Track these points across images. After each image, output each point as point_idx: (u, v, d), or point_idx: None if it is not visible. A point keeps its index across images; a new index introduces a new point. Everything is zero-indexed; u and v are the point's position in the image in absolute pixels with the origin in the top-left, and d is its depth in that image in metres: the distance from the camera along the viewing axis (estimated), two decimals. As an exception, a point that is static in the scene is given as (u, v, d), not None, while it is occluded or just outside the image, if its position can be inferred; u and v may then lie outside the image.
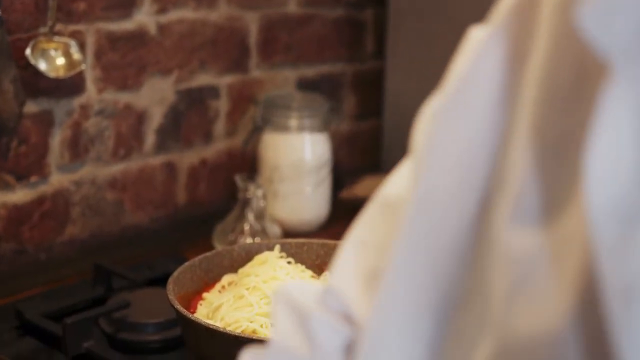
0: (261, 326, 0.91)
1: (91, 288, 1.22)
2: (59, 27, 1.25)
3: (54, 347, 1.08)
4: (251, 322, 0.92)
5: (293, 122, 1.45)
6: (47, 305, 1.16)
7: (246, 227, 1.35)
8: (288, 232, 1.44)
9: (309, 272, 1.05)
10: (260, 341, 0.86)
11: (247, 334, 0.90)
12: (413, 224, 0.57)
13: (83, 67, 1.24)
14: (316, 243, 1.10)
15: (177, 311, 0.92)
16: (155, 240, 1.43)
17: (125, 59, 1.37)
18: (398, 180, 0.64)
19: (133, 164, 1.41)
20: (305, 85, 1.65)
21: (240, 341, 0.86)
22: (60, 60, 1.24)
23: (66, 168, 1.32)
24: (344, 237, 0.66)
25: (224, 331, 0.87)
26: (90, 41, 1.31)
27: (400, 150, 1.67)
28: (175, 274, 1.00)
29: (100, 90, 1.34)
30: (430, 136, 0.58)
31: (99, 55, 1.33)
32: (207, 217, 1.48)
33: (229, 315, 0.93)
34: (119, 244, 1.40)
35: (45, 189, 1.30)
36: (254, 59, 1.56)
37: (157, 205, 1.46)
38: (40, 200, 1.30)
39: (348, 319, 0.61)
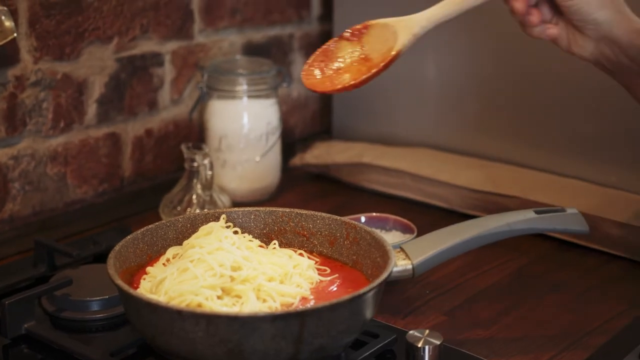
0: (206, 299, 0.87)
1: (32, 267, 1.18)
2: (-13, -6, 1.19)
3: (-6, 329, 1.03)
4: (196, 295, 0.88)
5: (239, 88, 1.40)
6: (-15, 286, 1.12)
7: (194, 198, 1.31)
8: (238, 202, 1.40)
9: (257, 242, 1.02)
10: (204, 315, 0.82)
11: (191, 307, 0.86)
12: None
13: (14, 35, 1.18)
14: (263, 211, 1.06)
15: (117, 286, 0.88)
16: (102, 214, 1.38)
17: (61, 27, 1.31)
18: None
19: (74, 137, 1.36)
20: (252, 50, 1.60)
21: (183, 315, 0.82)
22: (-9, 29, 1.18)
23: (3, 142, 1.27)
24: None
25: (166, 306, 0.84)
26: (23, 8, 1.25)
27: (348, 115, 1.64)
28: (117, 247, 0.96)
29: (36, 60, 1.28)
30: None
31: (33, 23, 1.27)
32: (155, 190, 1.43)
33: (173, 289, 0.89)
34: (64, 220, 1.35)
35: (-19, 165, 1.25)
36: (197, 24, 1.51)
37: (102, 178, 1.41)
38: (-24, 177, 1.25)
39: None
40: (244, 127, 1.41)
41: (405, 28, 0.97)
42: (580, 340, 1.03)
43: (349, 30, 0.97)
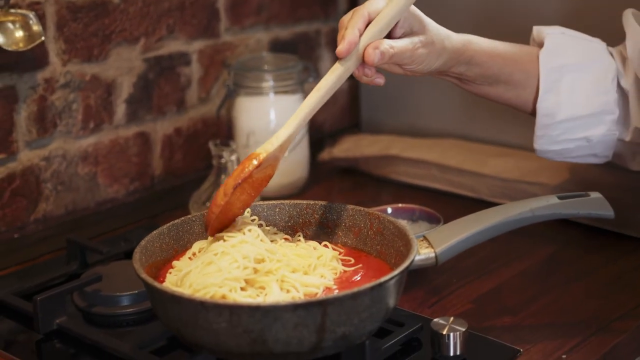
0: (230, 290, 0.88)
1: (65, 264, 1.20)
2: (15, -1, 1.22)
3: (27, 325, 1.05)
4: (220, 287, 0.89)
5: (265, 84, 1.41)
6: (19, 284, 1.14)
7: (222, 194, 1.32)
8: (267, 197, 1.41)
9: (281, 234, 1.02)
10: (227, 306, 0.83)
11: (214, 299, 0.87)
12: None
13: (42, 38, 1.21)
14: (288, 204, 1.07)
15: (142, 280, 0.89)
16: (133, 213, 1.40)
17: (88, 29, 1.33)
18: None
19: (104, 137, 1.38)
20: (279, 47, 1.62)
21: (206, 307, 0.84)
22: (19, 33, 1.21)
23: (34, 144, 1.29)
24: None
25: (189, 297, 0.85)
26: (50, 12, 1.27)
27: (377, 110, 1.65)
28: (143, 242, 0.97)
29: (64, 63, 1.31)
30: None
31: (60, 26, 1.29)
32: (185, 187, 1.45)
33: (197, 282, 0.90)
34: (96, 219, 1.37)
35: (14, 166, 1.27)
36: (223, 22, 1.52)
37: (133, 177, 1.43)
38: (9, 179, 1.27)
39: None
40: (271, 123, 1.42)
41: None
42: (608, 326, 1.03)
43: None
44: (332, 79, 0.99)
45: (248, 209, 1.05)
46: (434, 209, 1.25)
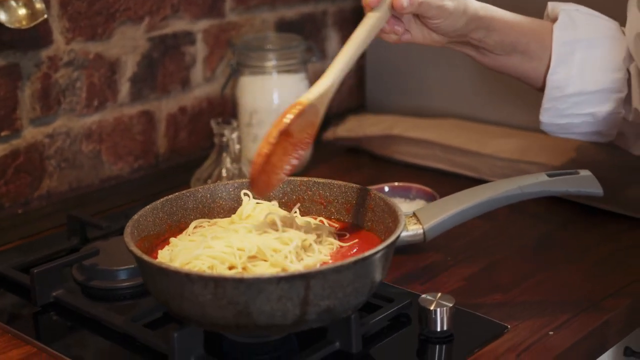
0: (217, 264, 0.90)
1: (66, 240, 1.22)
2: (18, -23, 1.23)
3: (26, 298, 1.07)
4: (213, 258, 0.90)
5: (268, 63, 1.42)
6: (20, 258, 1.16)
7: (223, 172, 1.34)
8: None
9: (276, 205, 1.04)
10: (212, 278, 0.85)
11: (200, 271, 0.88)
12: None
13: (45, 16, 1.22)
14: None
15: (131, 252, 0.91)
16: (137, 190, 1.41)
17: (92, 8, 1.34)
18: None
19: (108, 115, 1.40)
20: (285, 27, 1.62)
21: (191, 279, 0.85)
22: (22, 11, 1.22)
23: (38, 121, 1.31)
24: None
25: (175, 270, 0.86)
26: (54, -10, 1.29)
27: (383, 90, 1.65)
28: (135, 217, 0.99)
29: (68, 41, 1.33)
30: None
31: (64, 4, 1.31)
32: (189, 166, 1.46)
33: (186, 256, 0.92)
34: (99, 196, 1.39)
35: (18, 143, 1.29)
36: (229, 2, 1.53)
37: (137, 155, 1.45)
38: (13, 155, 1.29)
39: None
40: (274, 102, 1.43)
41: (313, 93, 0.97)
42: (597, 304, 1.03)
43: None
44: (364, 30, 1.00)
45: (244, 190, 1.06)
46: (435, 188, 1.25)
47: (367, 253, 0.87)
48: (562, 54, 1.11)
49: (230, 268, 0.90)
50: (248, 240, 0.92)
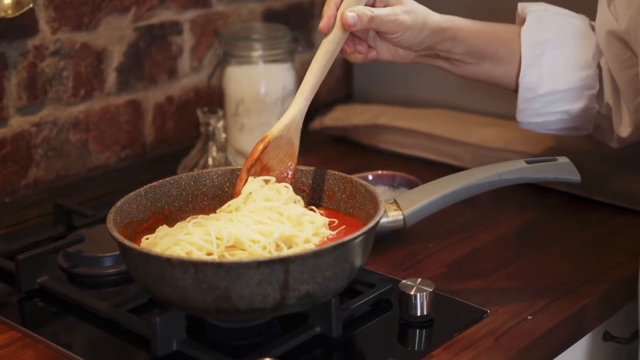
0: (195, 251, 0.91)
1: (52, 227, 1.23)
2: (3, -33, 1.24)
3: (11, 284, 1.08)
4: (191, 244, 0.91)
5: (254, 53, 1.43)
6: (5, 246, 1.17)
7: (210, 160, 1.35)
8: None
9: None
10: (192, 263, 0.86)
11: (180, 256, 0.89)
12: None
13: (30, 5, 1.23)
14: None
15: (113, 238, 0.92)
16: (124, 180, 1.42)
17: (78, -2, 1.35)
18: None
19: (95, 104, 1.41)
20: (272, 17, 1.63)
21: (172, 264, 0.86)
22: (7, 0, 1.23)
23: (25, 110, 1.32)
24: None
25: (156, 254, 0.87)
26: (40, -20, 1.30)
27: (370, 81, 1.66)
28: (118, 204, 1.00)
29: (54, 31, 1.33)
30: None
31: (50, -6, 1.32)
32: (176, 155, 1.47)
33: (167, 242, 0.93)
34: (86, 185, 1.40)
35: (4, 132, 1.30)
36: (215, -8, 1.54)
37: (124, 144, 1.46)
38: (0, 144, 1.30)
39: None
40: (261, 92, 1.44)
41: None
42: (577, 289, 1.05)
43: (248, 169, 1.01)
44: (323, 56, 1.02)
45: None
46: (421, 177, 1.26)
47: (346, 238, 0.88)
48: (531, 55, 1.13)
49: (209, 255, 0.91)
50: (227, 230, 0.93)
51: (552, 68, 1.13)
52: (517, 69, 1.14)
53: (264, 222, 0.95)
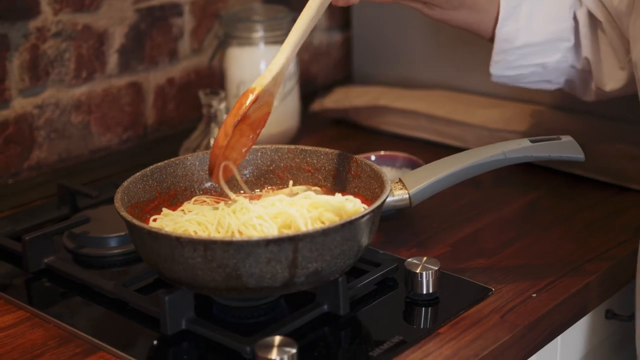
0: (200, 231, 0.92)
1: (56, 209, 1.23)
2: (5, -52, 1.24)
3: (18, 265, 1.09)
4: (198, 224, 0.92)
5: (255, 34, 1.43)
6: (11, 227, 1.17)
7: (211, 142, 1.35)
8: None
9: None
10: (201, 241, 0.86)
11: (189, 234, 0.90)
12: None
13: (33, -13, 1.23)
14: (270, 148, 1.10)
15: (122, 217, 0.92)
16: (126, 161, 1.42)
17: (80, -21, 1.35)
18: None
19: (97, 86, 1.41)
20: (272, -1, 1.63)
21: (182, 242, 0.86)
22: (9, -18, 1.23)
23: (27, 92, 1.32)
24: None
25: (166, 233, 0.88)
26: (41, -38, 1.30)
27: (370, 62, 1.66)
28: (125, 183, 1.00)
29: (56, 12, 1.33)
30: None
31: (51, -24, 1.31)
32: (178, 137, 1.47)
33: (173, 224, 0.93)
34: (89, 166, 1.40)
35: (7, 114, 1.30)
36: (216, -26, 1.54)
37: (126, 126, 1.46)
38: (2, 126, 1.30)
39: None
40: (260, 73, 1.44)
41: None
42: (580, 267, 1.05)
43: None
44: (314, 4, 1.01)
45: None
46: (422, 158, 1.27)
47: (353, 216, 0.89)
48: (509, 7, 1.13)
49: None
50: (229, 225, 0.93)
51: (530, 20, 1.14)
52: (495, 19, 1.14)
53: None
